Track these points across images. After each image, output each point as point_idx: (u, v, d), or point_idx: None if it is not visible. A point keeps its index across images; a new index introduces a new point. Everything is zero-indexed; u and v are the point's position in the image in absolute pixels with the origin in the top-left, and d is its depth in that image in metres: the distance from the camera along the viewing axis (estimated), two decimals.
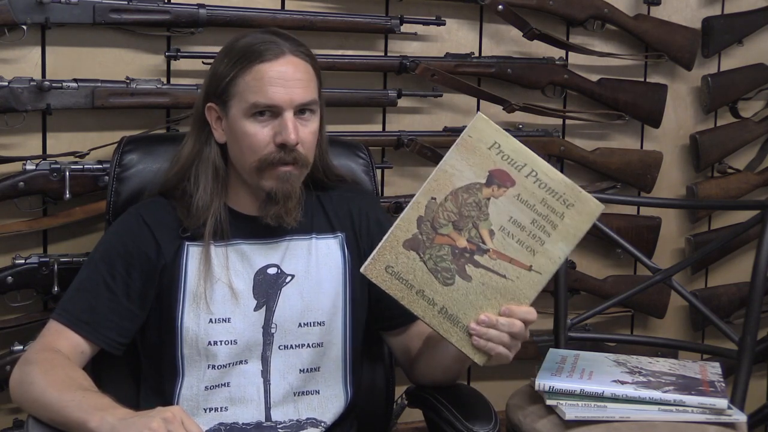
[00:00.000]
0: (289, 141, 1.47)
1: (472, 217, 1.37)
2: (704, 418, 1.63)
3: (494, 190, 1.37)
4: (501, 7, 2.18)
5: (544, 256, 1.36)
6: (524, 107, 2.26)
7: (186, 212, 1.54)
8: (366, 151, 1.85)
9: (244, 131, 1.49)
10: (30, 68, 1.92)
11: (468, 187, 1.37)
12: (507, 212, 1.36)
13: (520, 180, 1.36)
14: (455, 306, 1.38)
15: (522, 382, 1.86)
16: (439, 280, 1.38)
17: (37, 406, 1.39)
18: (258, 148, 1.49)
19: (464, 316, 1.38)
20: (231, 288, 1.53)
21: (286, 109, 1.48)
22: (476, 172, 1.37)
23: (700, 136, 2.47)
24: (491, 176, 1.36)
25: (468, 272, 1.37)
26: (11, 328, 1.92)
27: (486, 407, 1.57)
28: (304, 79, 1.50)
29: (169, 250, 1.54)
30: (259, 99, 1.47)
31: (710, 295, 2.50)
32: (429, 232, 1.38)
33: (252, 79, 1.48)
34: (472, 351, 1.39)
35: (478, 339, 1.38)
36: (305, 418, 1.55)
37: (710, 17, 2.44)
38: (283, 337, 1.55)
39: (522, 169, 1.36)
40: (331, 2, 2.14)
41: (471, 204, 1.37)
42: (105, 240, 1.59)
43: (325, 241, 1.61)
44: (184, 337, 1.51)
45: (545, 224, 1.36)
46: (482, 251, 1.37)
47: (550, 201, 1.36)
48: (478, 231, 1.37)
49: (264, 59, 1.48)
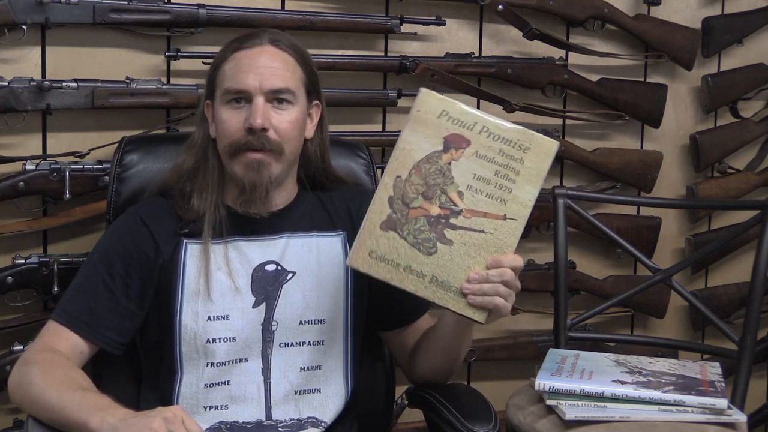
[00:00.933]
0: (254, 124, 1.48)
1: (439, 184, 1.41)
2: (704, 418, 1.63)
3: (452, 153, 1.41)
4: (501, 7, 2.18)
5: (515, 202, 1.40)
6: (524, 107, 2.26)
7: (185, 209, 1.55)
8: (367, 151, 1.85)
9: (220, 118, 1.53)
10: (30, 68, 1.92)
11: (428, 158, 1.41)
12: (470, 171, 1.41)
13: (474, 138, 1.41)
14: (444, 272, 1.40)
15: (522, 382, 1.86)
16: (422, 252, 1.41)
17: (37, 406, 1.39)
18: (230, 133, 1.51)
19: (454, 279, 1.40)
20: (229, 285, 1.53)
21: (255, 95, 1.50)
22: (432, 141, 1.41)
23: (700, 136, 2.47)
24: (447, 141, 1.41)
25: (448, 237, 1.41)
26: (11, 328, 1.92)
27: (486, 407, 1.57)
28: (280, 67, 1.52)
29: (168, 247, 1.54)
30: (230, 84, 1.51)
31: (710, 295, 2.49)
32: (402, 209, 1.41)
33: (229, 67, 1.52)
34: (471, 311, 1.41)
35: (474, 297, 1.40)
36: (306, 417, 1.55)
37: (710, 17, 2.44)
38: (284, 334, 1.55)
39: (473, 127, 1.41)
40: (331, 2, 2.14)
41: (434, 172, 1.41)
42: (103, 240, 1.59)
43: (327, 239, 1.61)
44: (182, 335, 1.51)
45: (508, 172, 1.40)
46: (456, 213, 1.41)
47: (506, 150, 1.40)
48: (448, 195, 1.41)
49: (240, 48, 1.52)
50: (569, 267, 2.30)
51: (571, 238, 2.25)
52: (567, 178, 2.41)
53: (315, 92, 1.60)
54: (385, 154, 2.20)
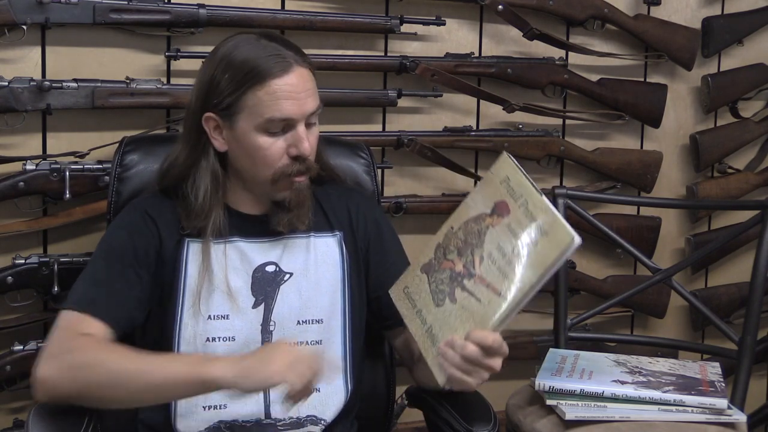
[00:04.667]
0: (304, 153, 1.50)
1: (472, 245, 1.41)
2: (704, 418, 1.64)
3: (494, 219, 1.40)
4: (501, 7, 2.18)
5: (512, 281, 1.35)
6: (524, 107, 2.27)
7: (185, 214, 1.55)
8: (367, 151, 1.85)
9: (257, 145, 1.50)
10: (30, 68, 1.92)
11: (477, 217, 1.42)
12: (497, 240, 1.38)
13: (514, 210, 1.38)
14: (438, 326, 1.40)
15: (522, 382, 1.86)
16: (434, 301, 1.42)
17: (112, 383, 1.34)
18: (272, 161, 1.50)
19: (441, 336, 1.39)
20: (229, 285, 1.53)
21: (299, 121, 1.49)
22: (486, 203, 1.41)
23: (700, 136, 2.47)
24: (495, 207, 1.40)
25: (456, 295, 1.40)
26: (11, 328, 1.92)
27: (485, 408, 1.57)
28: (312, 88, 1.52)
29: (171, 245, 1.54)
30: (274, 114, 1.47)
31: (710, 295, 2.50)
32: (440, 257, 1.44)
33: (265, 95, 1.47)
34: (437, 370, 1.39)
35: (441, 359, 1.36)
36: (305, 416, 1.55)
37: (710, 17, 2.44)
38: (282, 334, 1.55)
39: (518, 199, 1.38)
40: (331, 2, 2.14)
41: (475, 232, 1.41)
42: (111, 235, 1.57)
43: (324, 240, 1.62)
44: (182, 334, 1.52)
45: (521, 250, 1.36)
46: (471, 276, 1.39)
47: (530, 229, 1.36)
48: (473, 257, 1.40)
49: (274, 75, 1.47)
50: (569, 267, 2.30)
51: None
52: (567, 178, 2.41)
53: None
54: (385, 154, 2.20)
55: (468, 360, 1.33)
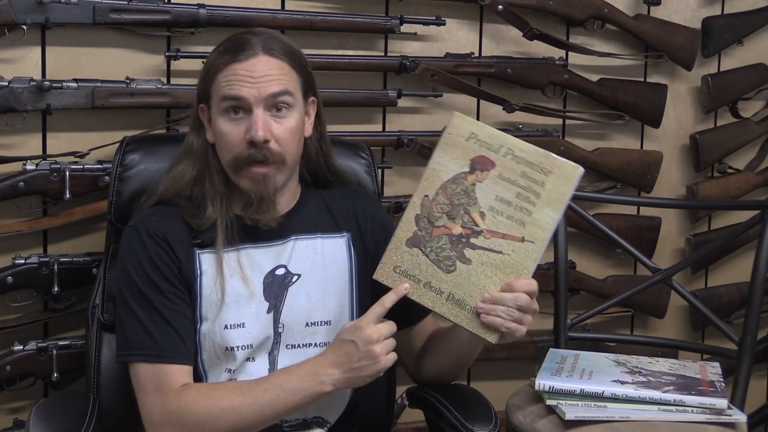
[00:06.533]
0: (256, 137, 1.47)
1: (463, 204, 1.44)
2: (704, 418, 1.64)
3: (478, 175, 1.44)
4: (501, 7, 2.18)
5: (534, 225, 1.42)
6: (524, 107, 2.27)
7: (196, 217, 1.53)
8: (368, 152, 1.85)
9: (220, 130, 1.51)
10: (30, 68, 1.92)
11: (454, 178, 1.45)
12: (492, 192, 1.43)
13: (498, 160, 1.44)
14: (460, 290, 1.43)
15: (522, 382, 1.86)
16: (442, 269, 1.44)
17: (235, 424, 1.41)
18: (231, 146, 1.50)
19: (470, 298, 1.43)
20: (243, 293, 1.52)
21: (255, 105, 1.48)
22: (459, 163, 1.45)
23: (700, 136, 2.47)
24: (473, 163, 1.44)
25: (467, 256, 1.43)
26: (11, 328, 1.92)
27: (486, 407, 1.57)
28: (275, 74, 1.50)
29: (184, 258, 1.51)
30: (228, 93, 1.48)
31: (710, 295, 2.50)
32: (427, 227, 1.45)
33: (223, 77, 1.49)
34: (483, 330, 1.43)
35: (486, 316, 1.41)
36: (311, 417, 1.55)
37: (710, 17, 2.44)
38: (291, 336, 1.54)
39: (499, 150, 1.44)
40: (331, 2, 2.14)
41: (459, 193, 1.44)
42: (136, 272, 1.50)
43: (332, 241, 1.61)
44: (202, 345, 1.51)
45: (529, 195, 1.42)
46: (476, 233, 1.43)
47: (529, 173, 1.42)
48: (470, 215, 1.44)
49: (235, 60, 1.49)
50: (569, 267, 2.30)
51: (571, 238, 2.26)
52: None
53: (311, 89, 1.58)
54: (385, 154, 2.20)
55: (522, 309, 1.41)
